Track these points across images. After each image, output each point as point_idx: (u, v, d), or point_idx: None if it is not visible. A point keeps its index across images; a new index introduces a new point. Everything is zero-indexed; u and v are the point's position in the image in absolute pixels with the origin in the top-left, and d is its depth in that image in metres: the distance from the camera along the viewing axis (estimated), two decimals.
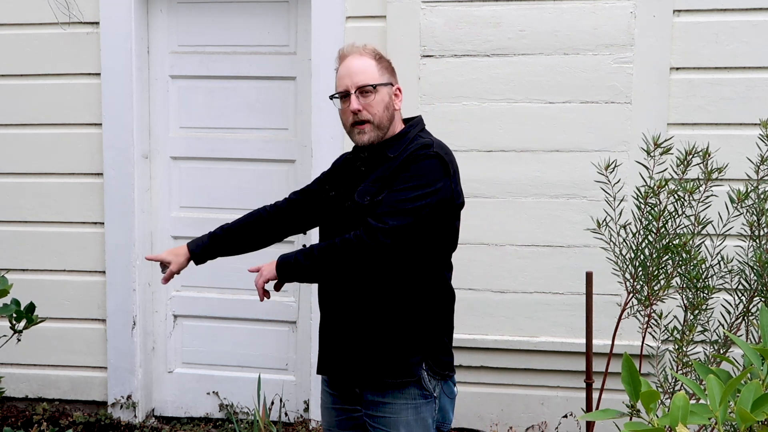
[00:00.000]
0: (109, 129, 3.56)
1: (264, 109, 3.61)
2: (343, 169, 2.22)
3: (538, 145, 3.27)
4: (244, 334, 3.72)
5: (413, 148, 2.04)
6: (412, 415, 2.06)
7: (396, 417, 2.06)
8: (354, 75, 2.07)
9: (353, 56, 2.10)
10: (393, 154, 2.06)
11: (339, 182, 2.19)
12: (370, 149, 2.10)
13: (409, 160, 2.01)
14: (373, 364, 2.06)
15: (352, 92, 2.06)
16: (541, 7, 3.22)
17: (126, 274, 3.62)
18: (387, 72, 2.12)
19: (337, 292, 2.10)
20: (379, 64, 2.10)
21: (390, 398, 2.06)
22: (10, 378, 3.67)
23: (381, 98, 2.07)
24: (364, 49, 2.12)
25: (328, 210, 2.18)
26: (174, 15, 3.64)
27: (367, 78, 2.06)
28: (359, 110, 2.05)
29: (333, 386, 2.20)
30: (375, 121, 2.06)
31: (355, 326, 2.08)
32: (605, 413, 1.30)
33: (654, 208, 2.43)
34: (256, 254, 2.51)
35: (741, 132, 3.08)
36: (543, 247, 3.28)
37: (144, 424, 3.69)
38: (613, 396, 2.62)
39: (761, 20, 3.10)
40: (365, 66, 2.08)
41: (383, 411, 2.07)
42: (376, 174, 2.07)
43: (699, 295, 2.43)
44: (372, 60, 2.10)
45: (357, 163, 2.14)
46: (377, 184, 2.04)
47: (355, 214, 2.03)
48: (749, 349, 1.31)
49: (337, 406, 2.20)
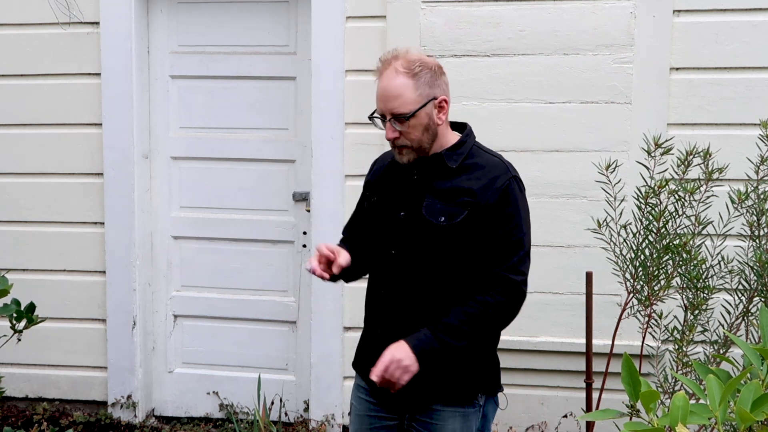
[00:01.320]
0: (109, 129, 3.56)
1: (264, 109, 3.61)
2: (385, 174, 2.11)
3: (538, 145, 3.27)
4: (244, 334, 3.72)
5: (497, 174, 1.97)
6: (459, 423, 2.03)
7: (443, 424, 2.02)
8: (388, 101, 1.93)
9: (388, 74, 1.94)
10: (454, 165, 1.99)
11: (383, 187, 2.09)
12: (429, 158, 2.01)
13: (505, 192, 1.95)
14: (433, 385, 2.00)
15: (387, 119, 1.95)
16: (541, 7, 3.22)
17: (126, 274, 3.62)
18: (428, 86, 1.94)
19: (404, 308, 2.01)
20: (417, 81, 1.93)
21: (439, 405, 2.02)
22: (11, 378, 3.67)
23: (419, 122, 1.94)
24: (403, 63, 1.93)
25: (372, 218, 2.09)
26: (174, 15, 3.64)
27: (401, 105, 1.92)
28: (396, 138, 1.95)
29: (374, 394, 2.10)
30: (414, 146, 1.96)
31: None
32: (605, 413, 1.30)
33: (654, 208, 2.43)
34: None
35: (741, 132, 3.08)
36: (543, 247, 3.27)
37: (144, 424, 3.69)
38: (613, 396, 2.62)
39: (761, 20, 3.10)
40: (400, 89, 1.92)
41: (429, 417, 2.03)
42: (440, 186, 1.98)
43: (699, 295, 2.43)
44: (409, 79, 1.92)
45: (413, 172, 2.02)
46: (448, 201, 1.96)
47: (420, 229, 1.97)
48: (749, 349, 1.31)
49: (373, 414, 2.12)
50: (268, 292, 3.67)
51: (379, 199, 2.08)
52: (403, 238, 2.00)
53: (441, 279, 1.99)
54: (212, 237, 3.70)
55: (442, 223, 1.95)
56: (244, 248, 3.67)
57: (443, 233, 1.96)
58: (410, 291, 2.01)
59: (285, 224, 3.63)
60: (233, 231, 3.68)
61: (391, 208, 2.04)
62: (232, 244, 3.69)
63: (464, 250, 1.97)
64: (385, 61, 1.97)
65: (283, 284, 3.66)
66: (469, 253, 1.97)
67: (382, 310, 2.07)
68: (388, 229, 2.04)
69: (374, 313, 2.10)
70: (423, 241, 1.98)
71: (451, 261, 1.98)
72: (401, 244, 2.01)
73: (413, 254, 2.00)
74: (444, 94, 1.99)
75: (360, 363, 2.17)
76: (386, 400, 2.08)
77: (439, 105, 1.97)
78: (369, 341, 2.12)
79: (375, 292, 2.10)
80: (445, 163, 1.99)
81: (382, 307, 2.07)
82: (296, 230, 3.61)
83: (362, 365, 2.14)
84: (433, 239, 1.97)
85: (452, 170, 1.99)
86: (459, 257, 1.98)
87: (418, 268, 2.00)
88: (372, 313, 2.11)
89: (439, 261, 1.98)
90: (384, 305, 2.06)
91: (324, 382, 3.49)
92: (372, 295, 2.12)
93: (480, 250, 1.97)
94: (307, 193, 3.54)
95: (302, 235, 3.61)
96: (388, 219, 2.04)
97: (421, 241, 1.98)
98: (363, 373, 2.14)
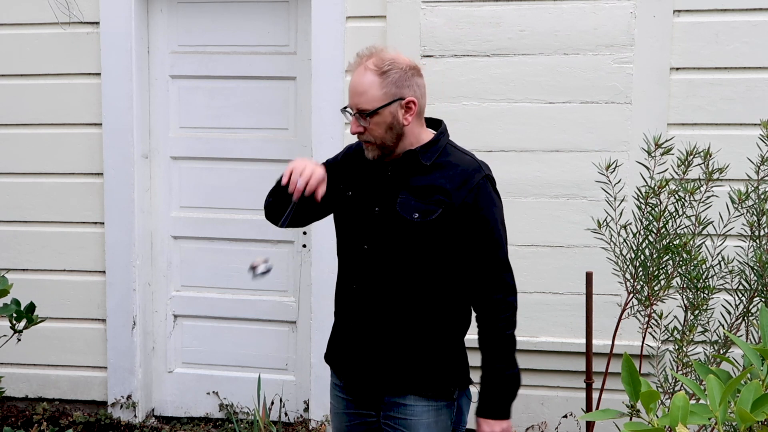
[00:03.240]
0: (109, 129, 3.56)
1: (264, 109, 3.61)
2: (358, 166, 2.10)
3: (538, 145, 3.26)
4: (244, 334, 3.72)
5: (471, 173, 1.99)
6: (433, 417, 2.04)
7: (417, 419, 2.03)
8: (355, 96, 1.96)
9: (359, 71, 1.97)
10: (428, 163, 2.00)
11: (356, 181, 2.09)
12: (403, 155, 2.02)
13: (479, 192, 1.98)
14: (408, 378, 2.03)
15: (352, 113, 1.98)
16: (541, 7, 3.22)
17: (126, 274, 3.62)
18: (395, 86, 1.94)
19: (376, 304, 2.04)
20: (384, 79, 1.94)
21: (411, 400, 2.04)
22: (10, 378, 3.67)
23: (383, 120, 1.95)
24: (374, 60, 1.96)
25: (345, 212, 2.10)
26: (174, 15, 3.64)
27: (366, 101, 1.94)
28: (359, 132, 1.98)
29: (349, 391, 2.13)
30: (377, 143, 1.98)
31: (397, 340, 2.03)
32: (605, 413, 1.30)
33: (654, 208, 2.43)
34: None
35: (741, 132, 3.08)
36: (543, 247, 3.27)
37: (144, 424, 3.69)
38: (613, 396, 2.61)
39: (761, 20, 3.10)
40: (366, 86, 1.94)
41: (404, 413, 2.04)
42: (415, 182, 1.99)
43: (699, 295, 2.43)
44: (376, 76, 1.94)
45: (387, 167, 2.03)
46: (423, 198, 1.97)
47: (394, 225, 1.98)
48: (749, 349, 1.31)
49: (350, 411, 2.14)
50: (268, 292, 3.67)
51: (354, 194, 2.08)
52: (376, 233, 2.01)
53: (413, 275, 2.01)
54: (212, 237, 3.70)
55: (416, 219, 1.97)
56: (244, 248, 3.67)
57: (416, 230, 1.97)
58: (382, 287, 2.02)
59: None
60: (233, 231, 3.68)
61: (365, 203, 2.05)
62: (232, 244, 3.69)
63: (437, 247, 1.99)
64: (361, 56, 1.99)
65: (283, 284, 3.66)
66: (443, 251, 2.00)
67: (354, 305, 2.09)
68: (362, 224, 2.04)
69: (345, 308, 2.12)
70: (396, 237, 1.99)
71: (424, 257, 2.00)
72: (374, 240, 2.02)
73: (386, 250, 2.01)
74: (413, 96, 1.97)
75: (332, 357, 2.19)
76: (361, 395, 2.11)
77: (406, 105, 1.97)
78: (340, 336, 2.15)
79: (346, 286, 2.11)
80: (419, 160, 2.01)
81: (353, 302, 2.09)
82: (296, 230, 3.61)
83: (335, 360, 2.17)
84: (406, 236, 1.98)
85: (426, 167, 2.00)
86: (432, 254, 2.00)
87: (390, 264, 2.01)
88: (343, 308, 2.13)
89: (412, 257, 2.00)
90: (356, 300, 2.08)
91: (324, 382, 3.46)
92: (343, 289, 2.13)
93: (457, 250, 2.00)
94: None
95: (302, 235, 3.61)
96: (362, 214, 2.05)
97: (394, 237, 1.99)
98: (336, 368, 2.17)
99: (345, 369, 2.13)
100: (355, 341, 2.09)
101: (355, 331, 2.09)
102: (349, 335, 2.11)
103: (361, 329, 2.07)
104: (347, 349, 2.11)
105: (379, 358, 2.05)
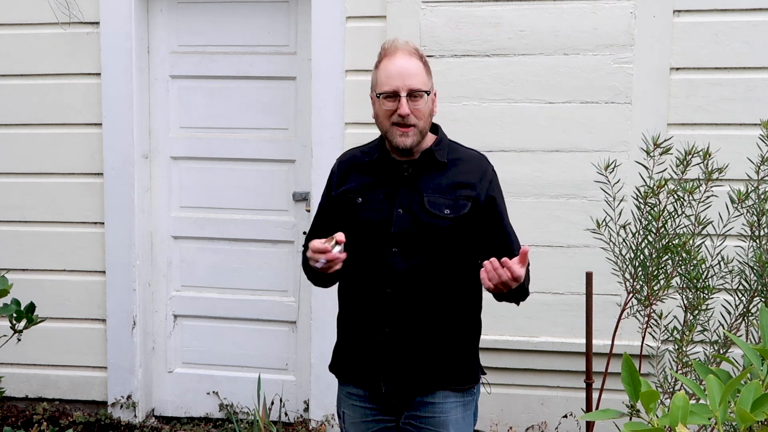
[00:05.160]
0: (109, 129, 3.56)
1: (264, 109, 3.61)
2: (360, 173, 2.09)
3: (538, 145, 3.27)
4: (244, 334, 3.72)
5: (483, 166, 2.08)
6: (461, 413, 2.06)
7: (446, 416, 2.04)
8: (407, 77, 1.95)
9: (402, 55, 1.97)
10: (444, 160, 2.04)
11: (363, 187, 2.06)
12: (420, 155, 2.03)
13: (494, 183, 2.08)
14: (445, 372, 2.04)
15: (403, 95, 1.95)
16: (541, 7, 3.22)
17: (126, 274, 3.62)
18: (430, 77, 2.03)
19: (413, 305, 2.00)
20: (425, 66, 2.01)
21: (440, 398, 2.04)
22: (10, 378, 3.67)
23: (427, 105, 2.00)
24: (413, 49, 2.00)
25: (359, 219, 2.04)
26: (174, 15, 3.64)
27: (419, 83, 1.96)
28: (408, 114, 1.96)
29: (374, 399, 2.09)
30: (420, 127, 1.98)
31: (435, 338, 2.03)
32: (605, 413, 1.30)
33: (654, 208, 2.43)
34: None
35: (741, 132, 3.08)
36: (543, 247, 3.27)
37: (144, 424, 3.69)
38: (613, 396, 2.61)
39: (761, 20, 3.10)
40: (416, 69, 1.97)
41: (432, 411, 2.04)
42: (437, 180, 2.02)
43: (699, 295, 2.43)
44: (420, 62, 1.99)
45: (402, 168, 2.03)
46: (449, 195, 2.00)
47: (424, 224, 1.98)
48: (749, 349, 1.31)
49: (376, 418, 2.10)
50: (268, 292, 3.67)
51: (365, 200, 2.05)
52: (404, 235, 2.00)
53: (446, 271, 2.02)
54: (212, 237, 3.70)
55: (448, 215, 1.99)
56: (244, 248, 3.67)
57: (448, 226, 1.99)
58: (418, 287, 2.01)
59: (285, 224, 3.63)
60: (233, 231, 3.68)
61: (383, 206, 2.02)
62: (232, 244, 3.69)
63: (466, 241, 2.03)
64: (396, 44, 2.01)
65: (283, 284, 3.66)
66: (469, 243, 2.04)
67: (389, 310, 2.02)
68: (384, 228, 2.01)
69: (377, 314, 2.04)
70: (427, 236, 1.99)
71: (455, 252, 2.02)
72: (403, 242, 2.00)
73: (418, 251, 2.00)
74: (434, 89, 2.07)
75: (349, 368, 2.12)
76: (390, 401, 2.08)
77: (435, 96, 2.06)
78: (366, 344, 2.07)
79: (376, 292, 2.03)
80: (435, 158, 2.04)
81: (388, 307, 2.02)
82: (296, 230, 3.61)
83: (354, 371, 2.11)
84: (438, 233, 1.99)
85: (443, 164, 2.05)
86: (461, 247, 2.03)
87: (424, 264, 2.00)
88: (371, 315, 2.04)
89: (444, 254, 2.01)
90: (391, 304, 2.01)
91: (324, 382, 3.48)
92: (370, 296, 2.04)
93: (478, 239, 2.04)
94: (307, 193, 3.54)
95: (302, 235, 3.61)
96: (382, 218, 2.01)
97: (425, 236, 1.99)
98: (356, 379, 2.11)
99: (374, 378, 2.06)
100: (391, 346, 2.02)
101: (392, 336, 2.02)
102: (382, 341, 2.03)
103: (399, 333, 2.01)
104: (380, 357, 2.03)
105: (419, 359, 2.03)
